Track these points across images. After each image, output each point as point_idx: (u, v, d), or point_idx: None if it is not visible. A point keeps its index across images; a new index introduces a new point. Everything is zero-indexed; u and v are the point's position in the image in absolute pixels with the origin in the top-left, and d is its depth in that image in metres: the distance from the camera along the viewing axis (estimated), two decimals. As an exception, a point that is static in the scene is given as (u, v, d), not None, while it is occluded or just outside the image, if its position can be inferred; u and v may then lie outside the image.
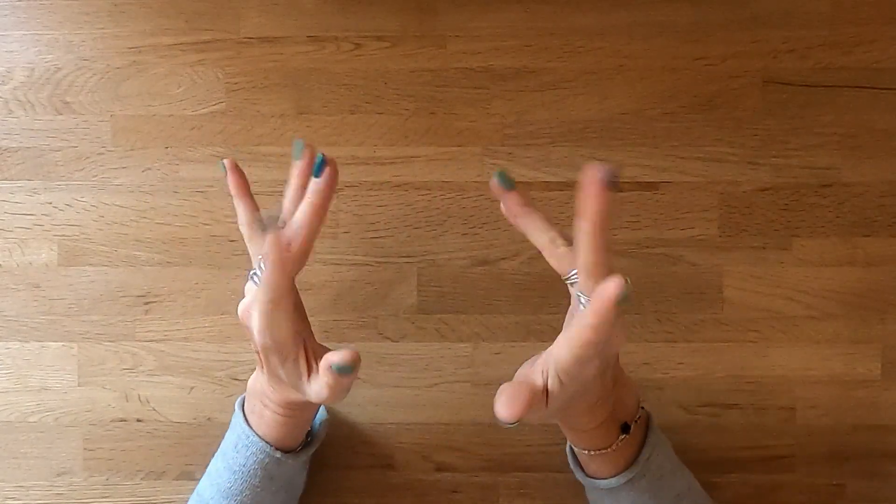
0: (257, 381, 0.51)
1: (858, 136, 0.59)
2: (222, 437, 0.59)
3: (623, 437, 0.49)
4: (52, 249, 0.60)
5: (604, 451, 0.49)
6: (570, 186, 0.60)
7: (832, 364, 0.59)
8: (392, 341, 0.59)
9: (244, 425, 0.51)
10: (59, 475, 0.60)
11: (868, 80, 0.59)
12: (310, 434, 0.55)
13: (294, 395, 0.48)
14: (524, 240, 0.59)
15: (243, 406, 0.53)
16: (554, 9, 0.59)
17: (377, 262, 0.60)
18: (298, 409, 0.50)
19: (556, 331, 0.59)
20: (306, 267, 0.60)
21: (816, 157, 0.59)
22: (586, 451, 0.50)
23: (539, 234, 0.48)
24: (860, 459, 0.59)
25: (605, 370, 0.45)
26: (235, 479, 0.51)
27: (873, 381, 0.59)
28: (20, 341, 0.60)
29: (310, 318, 0.59)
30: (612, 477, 0.50)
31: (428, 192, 0.60)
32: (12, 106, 0.60)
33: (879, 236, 0.59)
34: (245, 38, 0.60)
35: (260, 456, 0.50)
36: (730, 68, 0.59)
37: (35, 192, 0.60)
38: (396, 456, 0.60)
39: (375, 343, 0.60)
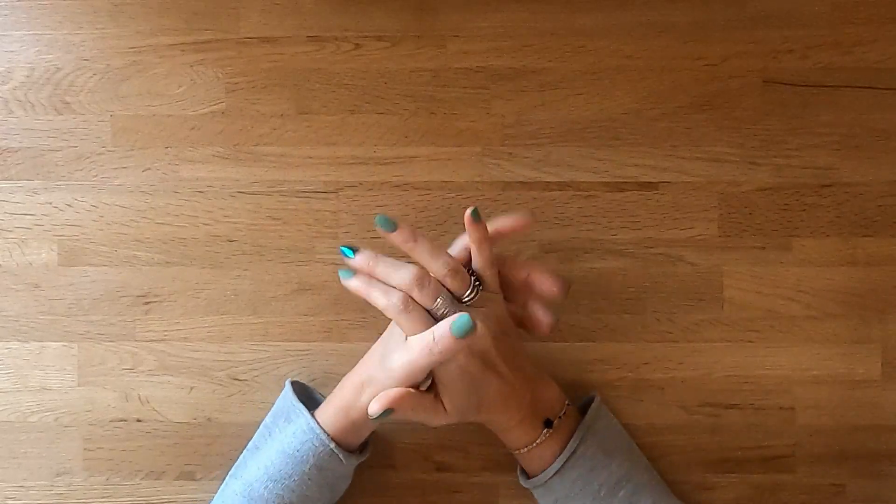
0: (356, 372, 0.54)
1: (858, 136, 0.59)
2: (222, 436, 0.60)
3: (546, 431, 0.53)
4: (52, 249, 0.60)
5: (532, 448, 0.53)
6: (570, 186, 0.60)
7: (832, 364, 0.59)
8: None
9: (308, 415, 0.53)
10: (59, 475, 0.60)
11: (868, 80, 0.59)
12: (364, 448, 0.56)
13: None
14: (524, 240, 0.59)
15: (299, 401, 0.55)
16: (554, 9, 0.59)
17: (377, 262, 0.60)
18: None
19: (558, 331, 0.60)
20: (306, 267, 0.60)
21: (816, 157, 0.59)
22: (517, 451, 0.54)
23: (430, 262, 0.51)
24: (860, 459, 0.59)
25: (484, 365, 0.51)
26: (286, 463, 0.53)
27: (873, 381, 0.59)
28: (20, 341, 0.60)
29: (310, 318, 0.60)
30: (544, 470, 0.54)
31: (428, 192, 0.60)
32: (12, 106, 0.60)
33: (879, 236, 0.59)
34: (245, 38, 0.60)
35: (315, 443, 0.53)
36: (730, 68, 0.59)
37: (35, 192, 0.60)
38: (397, 456, 0.60)
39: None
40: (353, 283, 0.52)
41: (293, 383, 0.57)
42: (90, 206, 0.60)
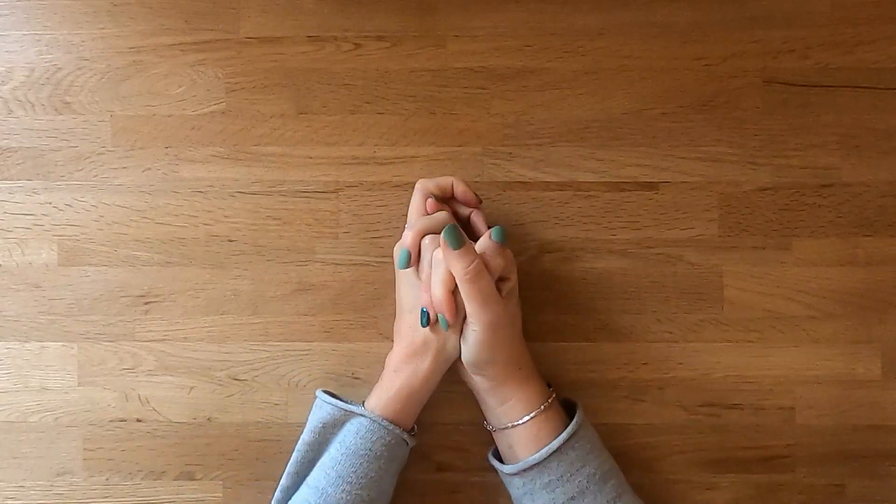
0: (390, 352, 0.56)
1: (858, 136, 0.59)
2: (222, 436, 0.60)
3: (552, 391, 0.55)
4: (52, 249, 0.60)
5: (541, 410, 0.54)
6: (570, 186, 0.60)
7: (832, 364, 0.59)
8: (392, 341, 0.59)
9: (368, 413, 0.54)
10: (59, 475, 0.60)
11: (868, 80, 0.59)
12: (413, 429, 0.57)
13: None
14: (524, 240, 0.59)
15: (348, 402, 0.56)
16: (554, 9, 0.59)
17: (377, 262, 0.60)
18: (417, 360, 0.55)
19: (557, 331, 0.60)
20: (306, 267, 0.60)
21: (816, 157, 0.59)
22: (525, 418, 0.54)
23: None
24: (860, 459, 0.59)
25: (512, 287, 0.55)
26: (360, 463, 0.53)
27: (873, 381, 0.59)
28: (20, 341, 0.60)
29: (310, 318, 0.60)
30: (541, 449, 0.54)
31: (428, 192, 0.60)
32: (12, 106, 0.60)
33: (879, 236, 0.59)
34: (245, 38, 0.60)
35: (387, 438, 0.54)
36: (730, 68, 0.59)
37: (35, 192, 0.60)
38: (396, 456, 0.60)
39: (375, 343, 0.60)
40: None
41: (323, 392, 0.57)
42: (90, 206, 0.60)
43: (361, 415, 0.54)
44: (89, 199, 0.60)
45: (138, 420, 0.60)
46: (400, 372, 0.55)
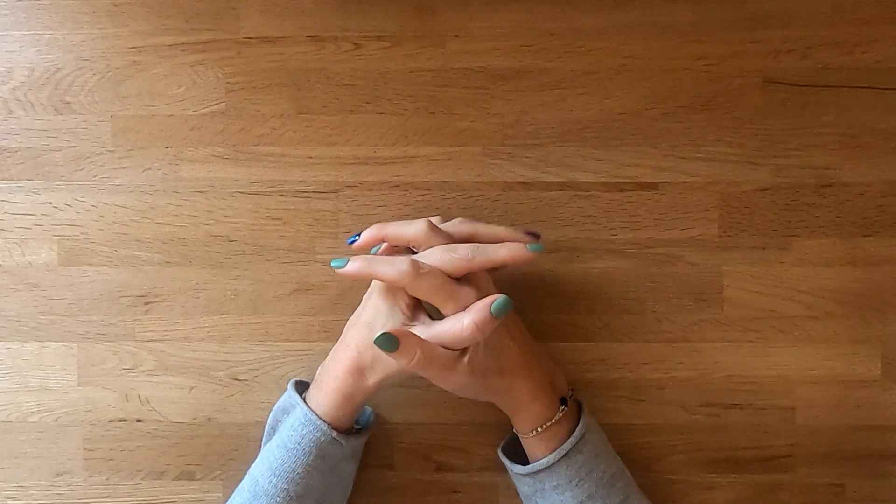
0: (333, 357, 0.54)
1: (858, 136, 0.59)
2: (222, 436, 0.60)
3: (563, 408, 0.54)
4: (52, 249, 0.60)
5: (548, 426, 0.53)
6: (570, 186, 0.60)
7: (832, 364, 0.59)
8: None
9: (304, 406, 0.53)
10: (59, 475, 0.60)
11: (868, 80, 0.59)
12: (359, 423, 0.57)
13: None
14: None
15: (297, 393, 0.55)
16: (554, 9, 0.59)
17: (377, 262, 0.60)
18: (357, 379, 0.53)
19: (558, 331, 0.60)
20: (306, 267, 0.60)
21: (816, 157, 0.59)
22: (532, 432, 0.54)
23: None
24: (860, 459, 0.59)
25: (510, 331, 0.53)
26: (289, 457, 0.53)
27: (873, 381, 0.59)
28: (20, 341, 0.60)
29: (310, 318, 0.60)
30: (549, 454, 0.53)
31: (428, 192, 0.60)
32: (12, 106, 0.60)
33: (879, 236, 0.59)
34: (245, 38, 0.60)
35: (316, 434, 0.53)
36: (730, 68, 0.59)
37: (35, 192, 0.60)
38: (396, 456, 0.60)
39: (375, 343, 0.60)
40: (353, 267, 0.51)
41: (297, 383, 0.57)
42: (90, 206, 0.60)
43: (299, 406, 0.54)
44: (89, 199, 0.60)
45: (138, 420, 0.60)
46: (340, 380, 0.53)
